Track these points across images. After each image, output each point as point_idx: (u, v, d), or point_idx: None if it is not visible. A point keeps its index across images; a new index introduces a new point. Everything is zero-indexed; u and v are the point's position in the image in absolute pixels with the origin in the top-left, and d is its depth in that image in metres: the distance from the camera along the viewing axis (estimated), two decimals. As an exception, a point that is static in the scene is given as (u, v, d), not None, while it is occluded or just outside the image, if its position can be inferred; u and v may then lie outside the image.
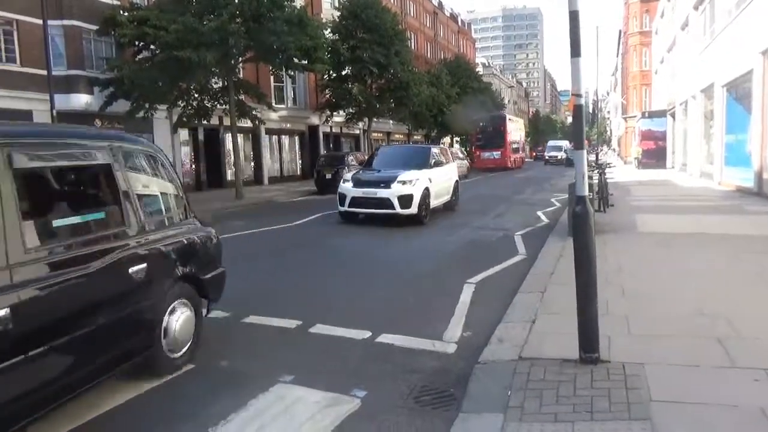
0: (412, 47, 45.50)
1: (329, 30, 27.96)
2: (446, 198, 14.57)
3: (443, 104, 40.61)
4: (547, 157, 54.01)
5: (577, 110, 3.84)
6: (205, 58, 17.71)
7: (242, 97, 22.78)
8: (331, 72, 29.75)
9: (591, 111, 59.72)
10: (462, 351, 4.56)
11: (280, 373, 4.09)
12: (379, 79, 32.14)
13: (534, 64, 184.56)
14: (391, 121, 42.25)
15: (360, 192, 12.55)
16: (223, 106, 22.18)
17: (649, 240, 9.01)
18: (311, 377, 4.01)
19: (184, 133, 25.65)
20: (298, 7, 21.03)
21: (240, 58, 21.29)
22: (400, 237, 11.05)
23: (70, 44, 20.27)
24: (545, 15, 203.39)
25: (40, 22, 16.32)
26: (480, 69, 74.05)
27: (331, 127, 36.05)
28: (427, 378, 4.04)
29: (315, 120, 34.36)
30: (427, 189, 12.65)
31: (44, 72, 16.12)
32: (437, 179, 13.59)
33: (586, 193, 3.85)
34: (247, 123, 23.81)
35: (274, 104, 27.02)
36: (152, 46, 19.59)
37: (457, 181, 15.72)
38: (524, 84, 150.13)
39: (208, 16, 18.90)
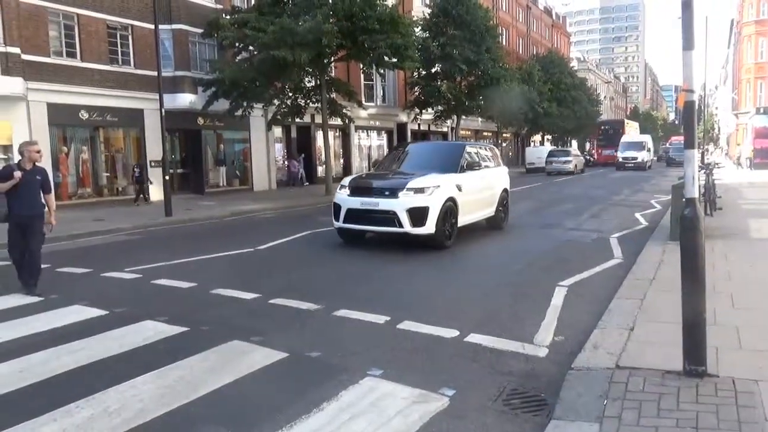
0: (504, 43, 44.62)
1: (419, 27, 28.00)
2: (488, 212, 11.09)
3: (534, 101, 39.50)
4: (620, 159, 40.79)
5: (688, 106, 3.60)
6: (299, 57, 18.31)
7: (333, 95, 23.35)
8: (421, 69, 29.80)
9: (698, 107, 55.87)
10: (553, 355, 4.42)
11: (369, 366, 4.15)
12: (469, 76, 31.81)
13: (633, 57, 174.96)
14: (479, 119, 41.64)
15: (358, 202, 9.18)
16: (315, 105, 22.84)
17: (763, 247, 8.30)
18: (400, 372, 4.04)
19: (277, 131, 26.64)
20: (390, 6, 21.22)
21: (332, 57, 21.81)
22: (492, 235, 10.88)
23: (178, 47, 21.62)
24: (647, 5, 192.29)
25: (151, 26, 17.51)
26: (574, 64, 71.34)
27: (419, 125, 36.09)
28: (516, 381, 3.96)
29: (403, 117, 34.54)
30: (452, 200, 9.37)
31: (154, 73, 17.28)
32: (472, 187, 10.15)
33: (696, 195, 3.61)
34: (337, 121, 24.38)
35: (363, 102, 27.44)
36: (251, 47, 20.50)
37: (506, 190, 11.88)
38: (622, 79, 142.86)
39: (304, 17, 19.50)
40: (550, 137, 55.76)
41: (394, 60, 22.14)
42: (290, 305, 5.85)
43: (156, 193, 19.80)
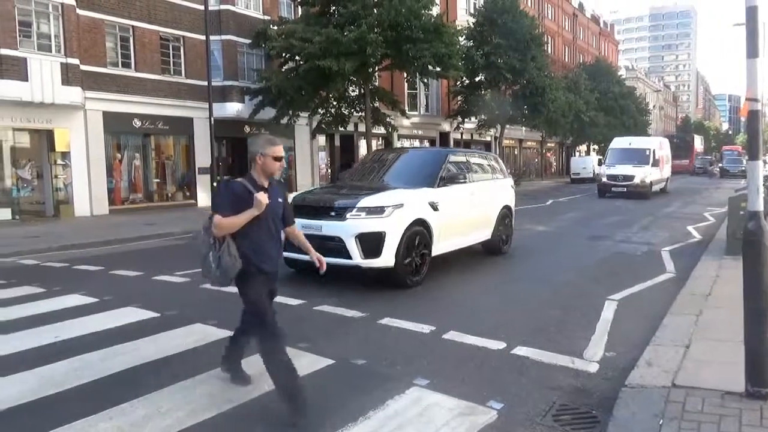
0: (549, 51, 44.04)
1: (464, 36, 27.94)
2: (481, 235, 9.06)
3: (581, 110, 38.80)
4: (604, 179, 24.79)
5: (753, 116, 3.46)
6: (344, 66, 18.52)
7: (377, 104, 23.50)
8: (465, 78, 29.69)
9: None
10: (605, 371, 4.30)
11: (415, 376, 4.13)
12: (514, 85, 31.51)
13: (685, 66, 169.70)
14: (523, 128, 41.16)
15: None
16: (359, 113, 23.01)
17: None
18: (446, 383, 4.00)
19: (321, 139, 26.96)
20: (435, 16, 21.25)
21: (377, 67, 21.97)
22: (539, 244, 10.69)
23: (227, 57, 22.18)
24: (699, 12, 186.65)
25: (202, 37, 18.02)
26: (623, 72, 69.71)
27: (461, 134, 35.93)
28: (566, 396, 3.86)
29: (446, 126, 34.47)
30: (422, 223, 7.31)
31: (204, 83, 17.77)
32: (454, 205, 8.05)
33: (761, 207, 3.45)
34: (380, 129, 24.50)
35: (407, 111, 27.52)
36: (297, 57, 20.86)
37: (508, 207, 9.85)
38: (672, 88, 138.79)
39: (349, 27, 19.73)
40: (596, 147, 54.59)
41: (438, 69, 22.15)
42: (335, 312, 5.89)
43: (204, 199, 20.33)
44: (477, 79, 31.00)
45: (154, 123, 20.24)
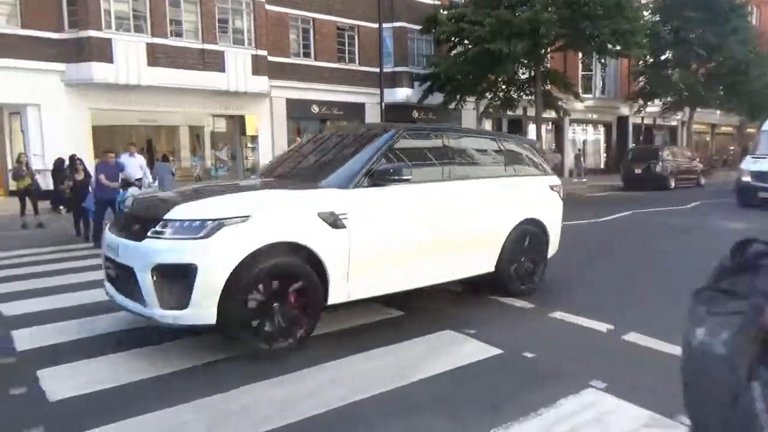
0: (754, 22, 38.40)
1: (649, 11, 25.49)
2: (471, 265, 5.56)
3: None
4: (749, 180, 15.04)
5: None
6: (515, 48, 17.94)
7: (548, 87, 22.48)
8: (648, 57, 27.09)
9: None
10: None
11: (590, 377, 3.82)
12: (707, 63, 28.03)
13: None
14: (717, 112, 36.55)
15: (110, 241, 4.53)
16: (529, 97, 22.22)
17: None
18: (626, 389, 3.63)
19: (488, 124, 26.54)
20: (617, -11, 19.63)
21: (549, 48, 20.96)
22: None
23: (398, 44, 22.74)
24: None
25: (375, 25, 18.66)
26: None
27: (642, 118, 33.01)
28: None
29: (624, 110, 31.92)
30: (294, 250, 4.29)
31: (376, 69, 18.43)
32: (393, 217, 4.89)
33: None
34: (551, 113, 23.43)
35: (580, 94, 25.94)
36: (466, 41, 20.67)
37: (532, 222, 6.10)
38: None
39: (521, 7, 19.02)
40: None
41: (619, 47, 20.50)
42: (503, 301, 5.70)
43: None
44: (663, 57, 28.17)
45: (330, 109, 21.51)
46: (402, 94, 22.51)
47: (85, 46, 16.09)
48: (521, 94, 22.43)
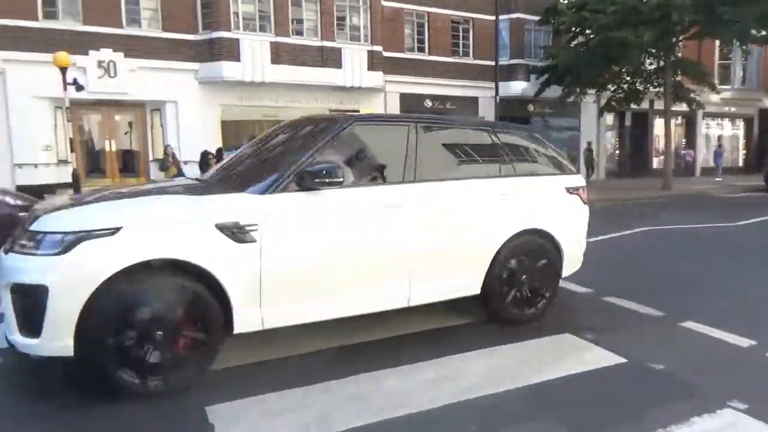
0: None
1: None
2: (443, 287, 4.51)
3: None
4: None
5: None
6: (642, 37, 16.80)
7: (679, 77, 20.79)
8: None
9: None
10: None
11: (729, 396, 3.49)
12: None
13: None
14: None
15: None
16: (657, 89, 20.71)
17: None
18: (771, 412, 3.29)
19: (609, 118, 25.14)
20: (763, -32, 17.67)
21: (681, 35, 19.36)
22: None
23: (514, 36, 22.16)
24: None
25: (490, 18, 18.29)
26: None
27: (791, 111, 29.62)
28: None
29: (768, 102, 28.80)
30: (173, 270, 3.52)
31: (490, 63, 18.08)
32: (326, 230, 3.99)
33: None
34: (681, 106, 21.68)
35: (717, 85, 23.73)
36: (587, 31, 19.67)
37: (538, 233, 4.92)
38: None
39: (650, -8, 17.74)
40: None
41: (765, 33, 18.49)
42: (627, 306, 5.36)
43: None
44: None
45: (443, 103, 21.45)
46: (517, 87, 21.89)
47: (216, 46, 17.29)
48: (648, 85, 20.94)
